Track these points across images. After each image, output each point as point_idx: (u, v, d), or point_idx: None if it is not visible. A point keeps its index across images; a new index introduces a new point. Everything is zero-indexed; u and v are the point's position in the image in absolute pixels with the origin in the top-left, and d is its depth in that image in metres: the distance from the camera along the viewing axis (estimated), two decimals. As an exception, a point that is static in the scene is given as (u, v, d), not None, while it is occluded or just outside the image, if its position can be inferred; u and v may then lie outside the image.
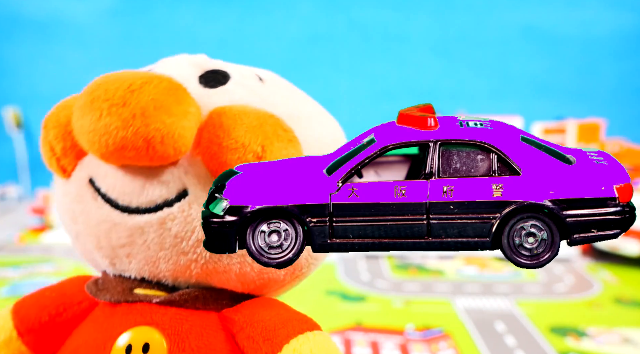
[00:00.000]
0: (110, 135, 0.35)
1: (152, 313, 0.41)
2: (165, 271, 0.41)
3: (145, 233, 0.40)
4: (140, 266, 0.42)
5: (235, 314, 0.41)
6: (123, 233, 0.41)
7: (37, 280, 1.19)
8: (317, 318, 0.42)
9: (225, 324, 0.41)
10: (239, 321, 0.40)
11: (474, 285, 1.23)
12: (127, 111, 0.35)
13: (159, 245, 0.40)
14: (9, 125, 2.25)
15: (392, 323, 1.00)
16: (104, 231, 0.41)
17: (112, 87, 0.36)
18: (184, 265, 0.41)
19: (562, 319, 1.04)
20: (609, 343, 0.94)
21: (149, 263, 0.41)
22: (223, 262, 0.41)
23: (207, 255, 0.41)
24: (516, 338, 0.95)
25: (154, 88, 0.36)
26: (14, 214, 1.95)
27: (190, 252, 0.40)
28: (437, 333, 0.96)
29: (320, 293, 1.15)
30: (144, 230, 0.40)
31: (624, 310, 1.10)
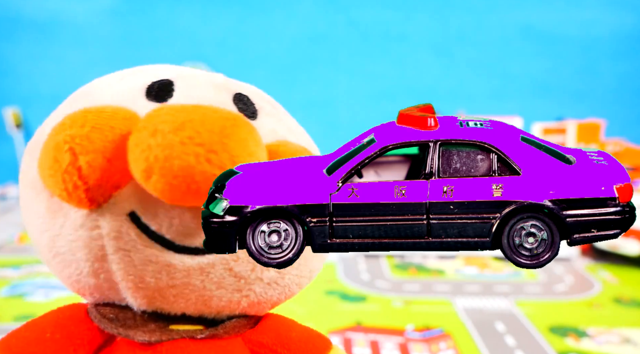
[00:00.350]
0: (205, 183, 0.33)
1: (199, 349, 0.39)
2: (215, 307, 0.41)
3: (204, 273, 0.39)
4: (188, 305, 0.40)
5: (260, 336, 0.42)
6: (178, 274, 0.39)
7: (37, 280, 1.19)
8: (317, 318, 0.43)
9: (251, 347, 0.41)
10: (268, 344, 0.41)
11: (474, 285, 1.23)
12: (227, 158, 0.34)
13: (216, 285, 0.39)
14: (9, 125, 2.25)
15: (392, 323, 1.00)
16: (151, 272, 0.38)
17: (204, 129, 0.34)
18: (235, 301, 0.41)
19: (562, 319, 1.04)
20: (608, 343, 0.94)
21: (200, 302, 0.40)
22: (268, 295, 0.42)
23: (257, 291, 0.41)
24: (516, 338, 0.95)
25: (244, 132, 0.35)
26: (14, 214, 1.95)
27: (245, 289, 0.40)
28: (437, 333, 0.96)
29: (320, 293, 1.15)
30: (203, 271, 0.39)
31: (624, 310, 1.10)
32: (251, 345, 0.41)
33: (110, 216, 0.38)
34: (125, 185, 0.37)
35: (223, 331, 0.40)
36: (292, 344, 0.41)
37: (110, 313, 0.40)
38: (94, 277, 0.40)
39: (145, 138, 0.34)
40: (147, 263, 0.38)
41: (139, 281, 0.39)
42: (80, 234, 0.39)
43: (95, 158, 0.36)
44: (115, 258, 0.38)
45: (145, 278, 0.39)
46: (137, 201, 0.38)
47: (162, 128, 0.34)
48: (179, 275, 0.39)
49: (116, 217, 0.38)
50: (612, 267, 1.37)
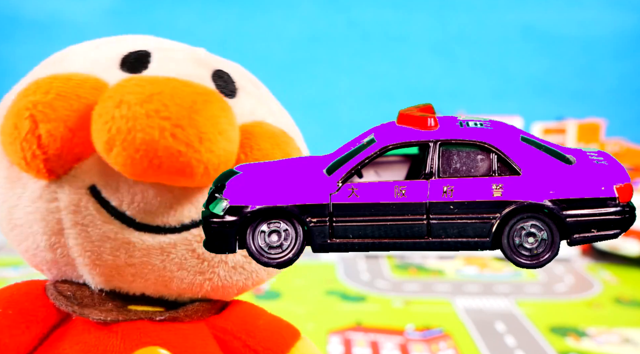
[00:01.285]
0: (168, 159, 0.32)
1: (157, 332, 0.38)
2: (176, 289, 0.39)
3: (165, 253, 0.38)
4: (147, 285, 0.39)
5: (225, 322, 0.41)
6: (137, 252, 0.37)
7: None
8: (317, 318, 0.43)
9: (214, 332, 0.40)
10: (233, 330, 0.40)
11: (474, 285, 1.23)
12: (194, 134, 0.32)
13: (177, 266, 0.38)
14: (9, 125, 2.25)
15: (392, 323, 1.00)
16: (109, 249, 0.37)
17: (172, 102, 0.32)
18: (197, 284, 0.39)
19: (562, 319, 1.04)
20: (609, 343, 0.94)
21: (159, 282, 0.39)
22: (233, 279, 0.40)
23: (221, 274, 0.40)
24: (516, 338, 0.95)
25: (216, 109, 0.34)
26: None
27: (208, 272, 0.39)
28: (437, 333, 0.96)
29: (320, 293, 1.15)
30: (164, 251, 0.38)
31: (624, 310, 1.10)
32: (215, 331, 0.40)
33: (70, 188, 0.36)
34: (87, 158, 0.36)
35: (184, 314, 0.39)
36: (258, 332, 0.40)
37: (68, 290, 0.39)
38: (50, 252, 0.38)
39: (110, 109, 0.32)
40: (105, 240, 0.37)
41: (95, 258, 0.37)
42: (38, 206, 0.37)
43: (56, 127, 0.34)
44: (72, 232, 0.37)
45: (103, 255, 0.37)
46: (98, 175, 0.36)
47: (128, 99, 0.32)
48: (138, 253, 0.37)
49: (76, 190, 0.36)
50: (612, 267, 1.37)
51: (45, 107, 0.34)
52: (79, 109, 0.35)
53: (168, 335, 0.38)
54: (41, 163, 0.35)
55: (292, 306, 1.05)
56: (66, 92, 0.35)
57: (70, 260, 0.38)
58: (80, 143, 0.35)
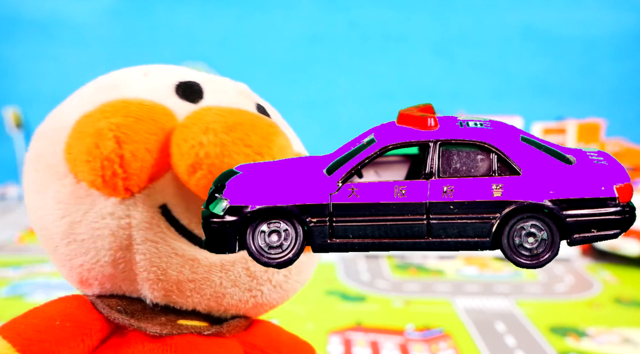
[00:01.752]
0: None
1: (205, 346, 0.40)
2: (226, 305, 0.42)
3: (224, 270, 0.40)
4: (202, 300, 0.41)
5: (253, 338, 0.43)
6: (200, 269, 0.40)
7: (37, 280, 1.19)
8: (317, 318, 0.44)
9: (245, 348, 0.43)
10: (260, 345, 0.43)
11: (474, 285, 1.23)
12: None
13: (232, 282, 0.41)
14: (9, 125, 2.25)
15: (392, 323, 1.00)
16: (175, 265, 0.40)
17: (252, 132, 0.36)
18: (244, 300, 0.42)
19: (562, 319, 1.04)
20: (609, 343, 0.94)
21: (213, 298, 0.41)
22: (272, 297, 0.43)
23: (265, 291, 0.43)
24: (516, 338, 0.95)
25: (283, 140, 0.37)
26: (14, 214, 1.95)
27: (255, 289, 0.42)
28: (437, 333, 0.96)
29: (320, 293, 1.15)
30: (223, 268, 0.40)
31: (624, 310, 1.10)
32: (245, 347, 0.42)
33: (143, 207, 0.38)
34: (159, 178, 0.38)
35: (227, 330, 0.42)
36: (283, 347, 0.43)
37: (118, 304, 0.41)
38: (112, 267, 0.40)
39: (197, 135, 0.35)
40: (173, 256, 0.39)
41: (161, 273, 0.40)
42: (107, 222, 0.39)
43: (138, 149, 0.36)
44: (142, 248, 0.39)
45: (168, 270, 0.40)
46: (170, 195, 0.39)
47: (214, 127, 0.35)
48: (201, 270, 0.40)
49: (148, 208, 0.38)
50: (612, 267, 1.37)
51: (127, 129, 0.36)
52: (156, 133, 0.37)
53: (213, 349, 0.40)
54: (120, 181, 0.37)
55: (292, 306, 1.05)
56: (143, 116, 0.37)
57: (131, 275, 0.41)
58: (156, 164, 0.37)
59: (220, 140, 0.35)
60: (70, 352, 0.38)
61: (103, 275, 0.41)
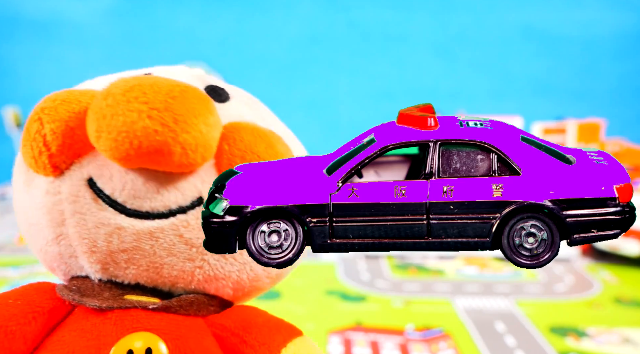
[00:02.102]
0: (146, 138, 0.35)
1: (149, 319, 0.40)
2: (167, 277, 0.41)
3: (154, 238, 0.40)
4: (140, 272, 0.41)
5: (224, 320, 0.42)
6: (128, 237, 0.40)
7: (36, 280, 1.19)
8: (317, 318, 0.43)
9: (213, 330, 0.41)
10: (231, 327, 0.41)
11: (474, 285, 1.23)
12: (169, 116, 0.35)
13: (167, 251, 0.40)
14: (9, 125, 2.25)
15: (392, 323, 1.00)
16: (103, 235, 0.40)
17: (151, 90, 0.36)
18: (188, 272, 0.41)
19: (562, 319, 1.04)
20: (609, 343, 0.94)
21: (151, 269, 0.41)
22: (225, 269, 0.42)
23: (212, 262, 0.41)
24: (516, 338, 0.95)
25: (192, 97, 0.37)
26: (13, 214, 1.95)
27: (198, 259, 0.41)
28: (437, 333, 0.96)
29: (320, 293, 1.15)
30: (153, 235, 0.40)
31: (624, 310, 1.10)
32: (214, 329, 0.41)
33: (70, 181, 0.40)
34: (87, 154, 0.40)
35: (177, 305, 0.41)
36: (255, 328, 0.41)
37: (74, 285, 0.42)
38: (56, 244, 0.42)
39: (99, 102, 0.36)
40: (100, 226, 0.40)
41: (92, 245, 0.40)
42: (45, 200, 0.41)
43: (58, 126, 0.38)
44: (72, 221, 0.40)
45: (98, 241, 0.40)
46: (95, 168, 0.40)
47: (114, 91, 0.36)
48: (129, 238, 0.40)
49: (75, 182, 0.40)
50: (612, 267, 1.37)
51: (50, 110, 0.39)
52: (79, 111, 0.39)
53: (160, 324, 0.40)
54: (46, 159, 0.39)
55: (292, 306, 1.05)
56: (69, 99, 0.39)
57: (73, 251, 0.42)
58: (80, 140, 0.39)
59: (116, 101, 0.35)
60: (20, 328, 0.39)
61: (53, 256, 0.43)
